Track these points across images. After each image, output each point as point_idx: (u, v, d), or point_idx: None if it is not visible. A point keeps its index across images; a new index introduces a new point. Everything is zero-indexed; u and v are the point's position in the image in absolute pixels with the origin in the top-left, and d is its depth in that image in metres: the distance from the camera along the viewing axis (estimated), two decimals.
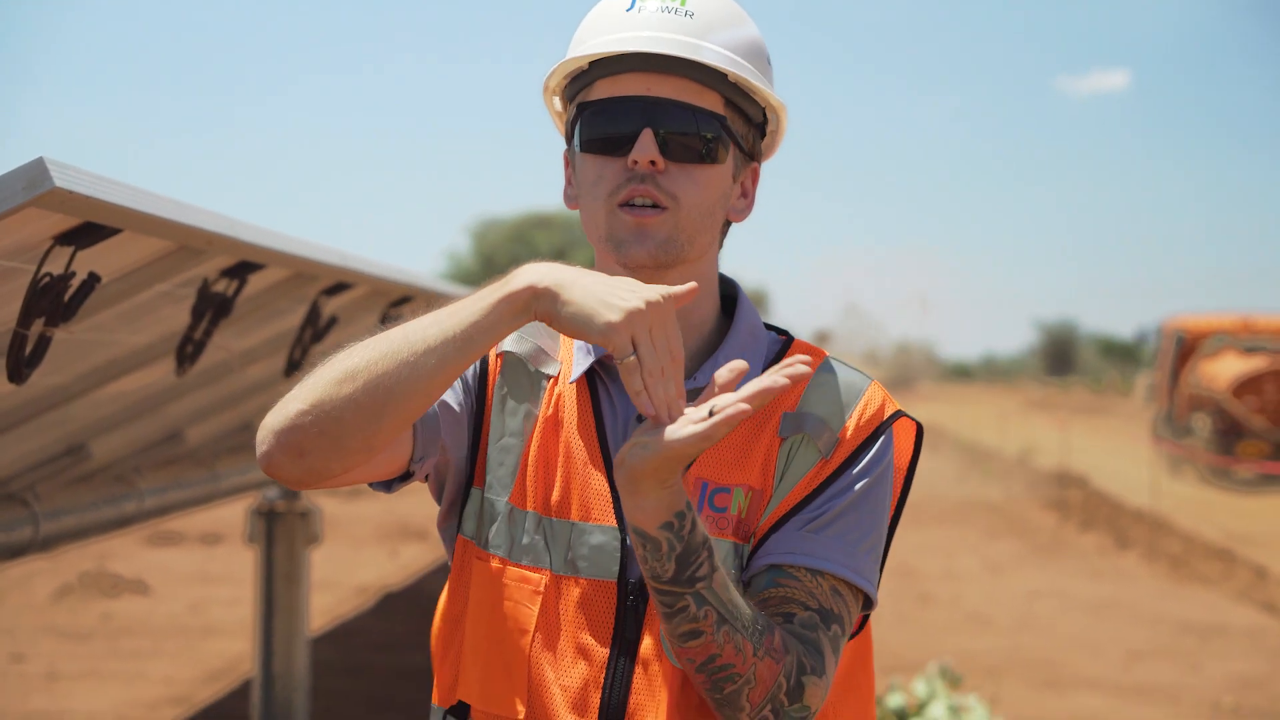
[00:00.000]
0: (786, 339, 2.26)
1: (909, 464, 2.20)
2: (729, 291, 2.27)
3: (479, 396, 2.21)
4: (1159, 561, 15.49)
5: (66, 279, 2.90)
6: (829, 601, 2.06)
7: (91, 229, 2.83)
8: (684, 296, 1.90)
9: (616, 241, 2.10)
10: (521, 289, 1.92)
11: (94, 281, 2.97)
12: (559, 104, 2.26)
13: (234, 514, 15.27)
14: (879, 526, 2.13)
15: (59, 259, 2.87)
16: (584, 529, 2.09)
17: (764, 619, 1.97)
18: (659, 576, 1.91)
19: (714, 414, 1.81)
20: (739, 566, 2.07)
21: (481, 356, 2.06)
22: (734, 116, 2.15)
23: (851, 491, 2.10)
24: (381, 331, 2.00)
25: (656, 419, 1.85)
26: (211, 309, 3.76)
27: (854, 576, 2.08)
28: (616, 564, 2.07)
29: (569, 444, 2.14)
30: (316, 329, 4.75)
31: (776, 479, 2.09)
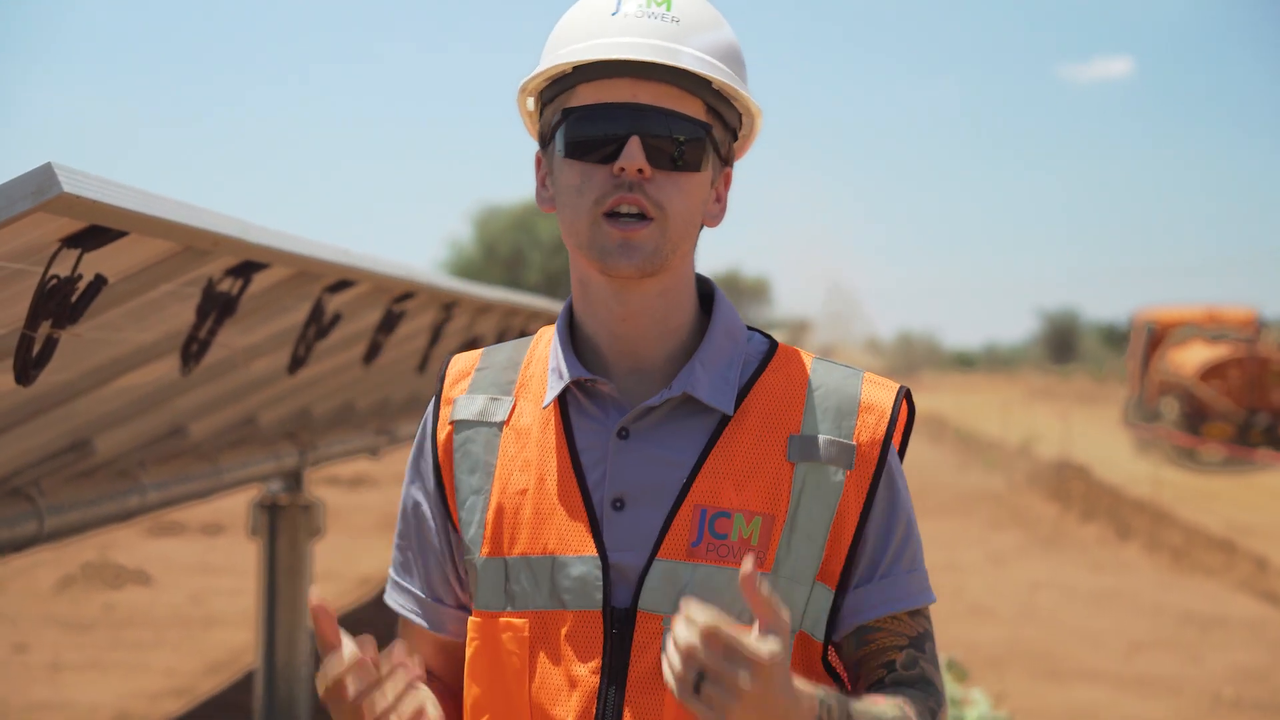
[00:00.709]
0: (770, 345, 2.20)
1: (905, 429, 2.21)
2: (706, 290, 2.22)
3: (439, 487, 2.19)
4: (1160, 552, 15.52)
5: (73, 281, 2.91)
6: (916, 627, 2.14)
7: (98, 232, 2.84)
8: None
9: (601, 252, 2.04)
10: None
11: (100, 283, 2.98)
12: (532, 104, 2.20)
13: (235, 504, 15.29)
14: (914, 516, 2.19)
15: (66, 261, 2.87)
16: (564, 561, 2.05)
17: (900, 709, 2.05)
18: None
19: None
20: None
21: None
22: (714, 121, 2.10)
23: (897, 512, 2.13)
24: None
25: None
26: (216, 308, 3.77)
27: (927, 598, 2.18)
28: (599, 593, 2.04)
29: (541, 475, 2.10)
30: (320, 326, 4.77)
31: (793, 505, 2.05)
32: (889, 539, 2.12)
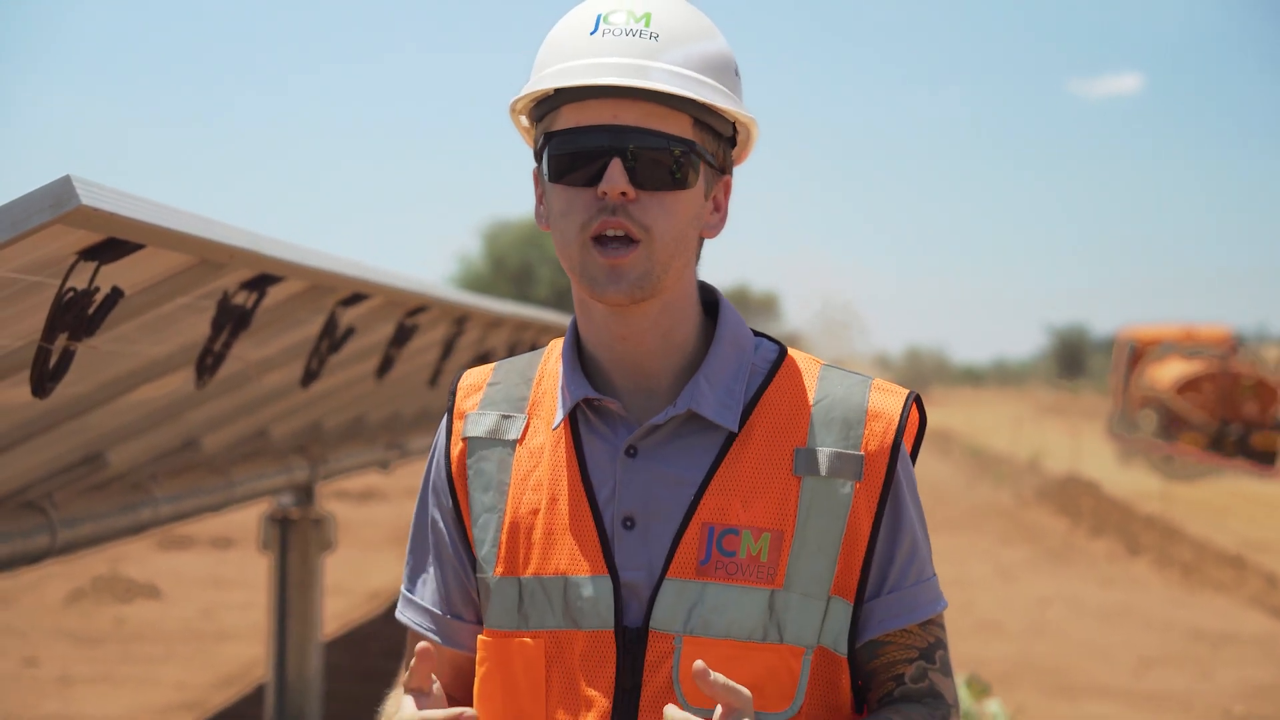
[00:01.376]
0: (779, 353, 2.18)
1: (916, 434, 2.19)
2: (711, 299, 2.19)
3: (454, 504, 2.18)
4: (1170, 568, 15.49)
5: (90, 294, 2.92)
6: (926, 637, 2.14)
7: (115, 244, 2.85)
8: None
9: (590, 280, 2.02)
10: None
11: (117, 296, 2.99)
12: (525, 121, 2.18)
13: (246, 518, 15.30)
14: (924, 523, 2.19)
15: (83, 274, 2.89)
16: (576, 582, 2.05)
17: None
18: None
19: None
20: (771, 613, 2.03)
21: None
22: (703, 135, 2.06)
23: (902, 523, 2.13)
24: None
25: None
26: (231, 321, 3.79)
27: (935, 607, 2.17)
28: (611, 613, 2.03)
29: (553, 495, 2.10)
30: (334, 339, 4.78)
31: (801, 519, 2.04)
32: (895, 551, 2.11)
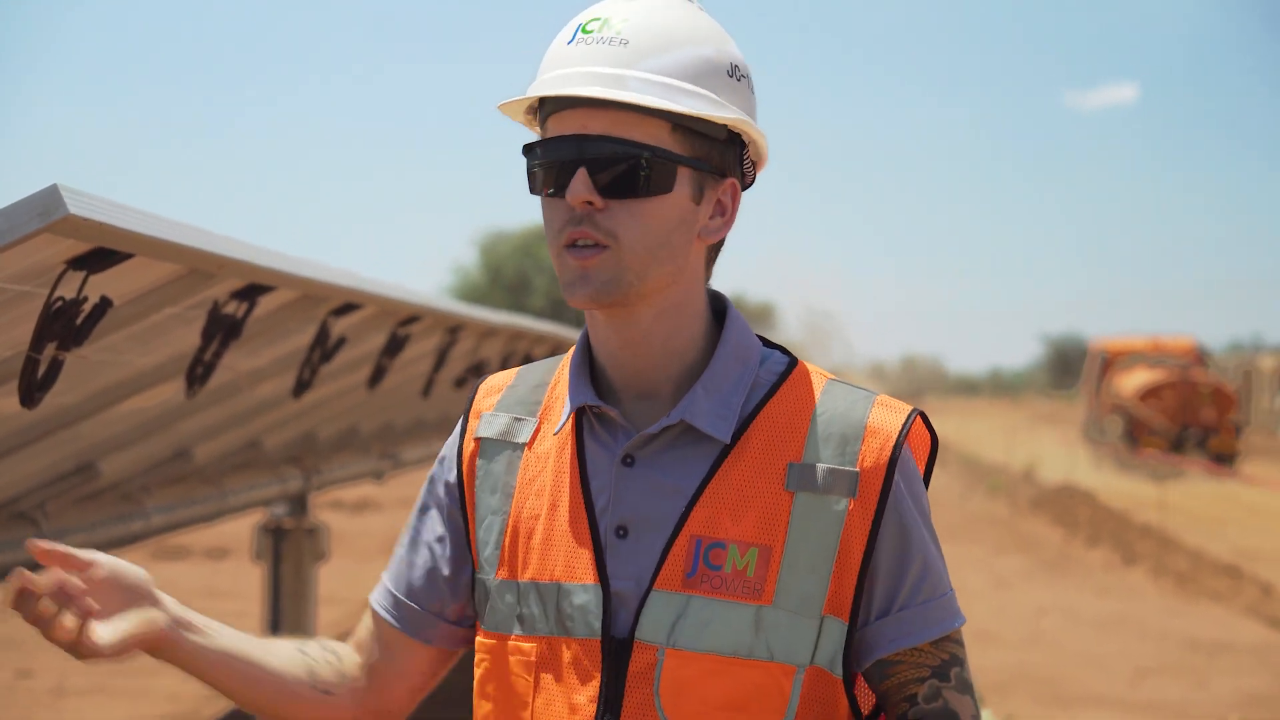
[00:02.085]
0: (788, 365, 2.15)
1: (928, 456, 2.17)
2: (721, 307, 2.17)
3: (460, 497, 2.20)
4: (1166, 577, 15.49)
5: (79, 303, 2.91)
6: (940, 655, 2.08)
7: (104, 254, 2.84)
8: None
9: (564, 283, 2.03)
10: None
11: (106, 305, 2.98)
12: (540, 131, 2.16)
13: (240, 528, 15.27)
14: (936, 539, 2.14)
15: (71, 283, 2.88)
16: (569, 589, 2.05)
17: None
18: None
19: None
20: (758, 630, 2.01)
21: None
22: (686, 139, 2.02)
23: (910, 541, 2.09)
24: None
25: None
26: (221, 331, 3.78)
27: (950, 624, 2.10)
28: (599, 621, 2.03)
29: (554, 501, 2.10)
30: (325, 349, 4.77)
31: (791, 535, 2.02)
32: (904, 570, 2.07)
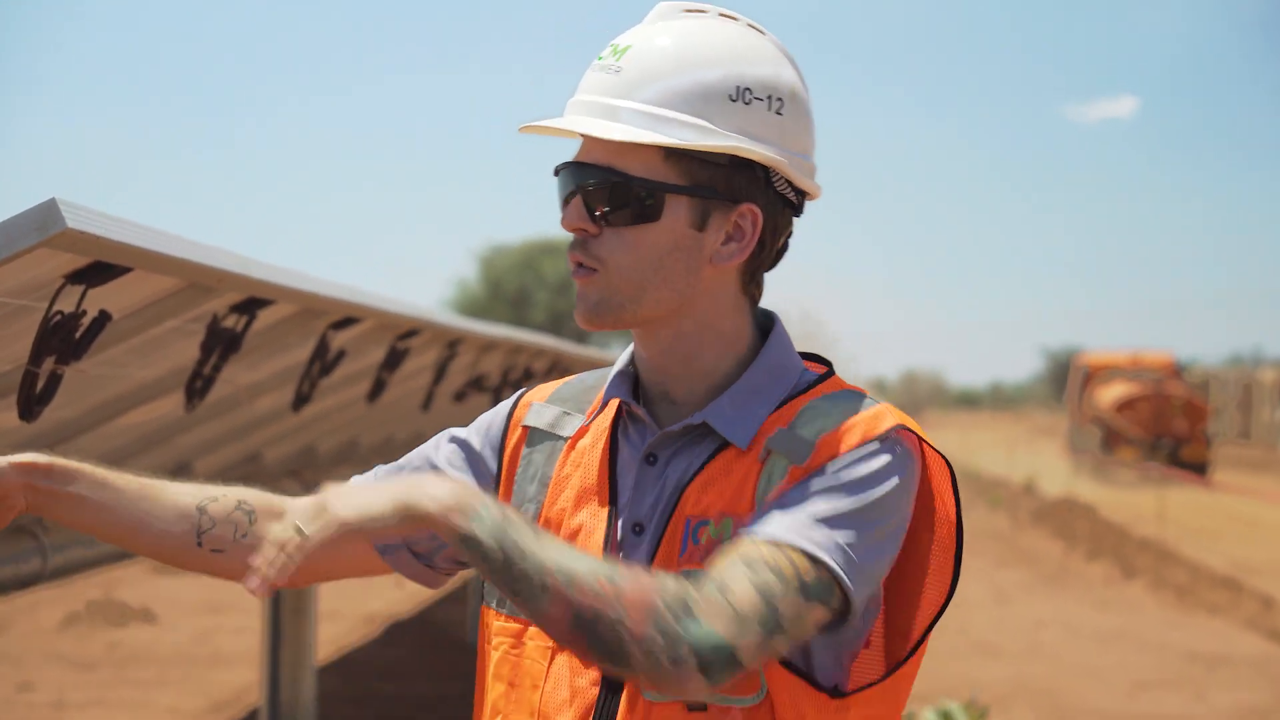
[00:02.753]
0: (821, 375, 2.16)
1: (953, 488, 2.12)
2: (767, 325, 2.18)
3: (495, 480, 2.24)
4: (1165, 591, 15.48)
5: (77, 317, 2.92)
6: (758, 551, 1.94)
7: (102, 268, 2.85)
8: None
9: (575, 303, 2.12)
10: None
11: (104, 319, 2.99)
12: None
13: None
14: (864, 525, 1.98)
15: (70, 297, 2.89)
16: None
17: (606, 568, 1.89)
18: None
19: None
20: None
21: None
22: (681, 166, 2.05)
23: (826, 485, 2.00)
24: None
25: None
26: (221, 345, 3.79)
27: (796, 539, 1.95)
28: None
29: (582, 496, 2.14)
30: (325, 363, 4.78)
31: (758, 500, 2.03)
32: (797, 493, 1.99)
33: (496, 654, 2.16)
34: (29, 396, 2.99)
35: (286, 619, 7.62)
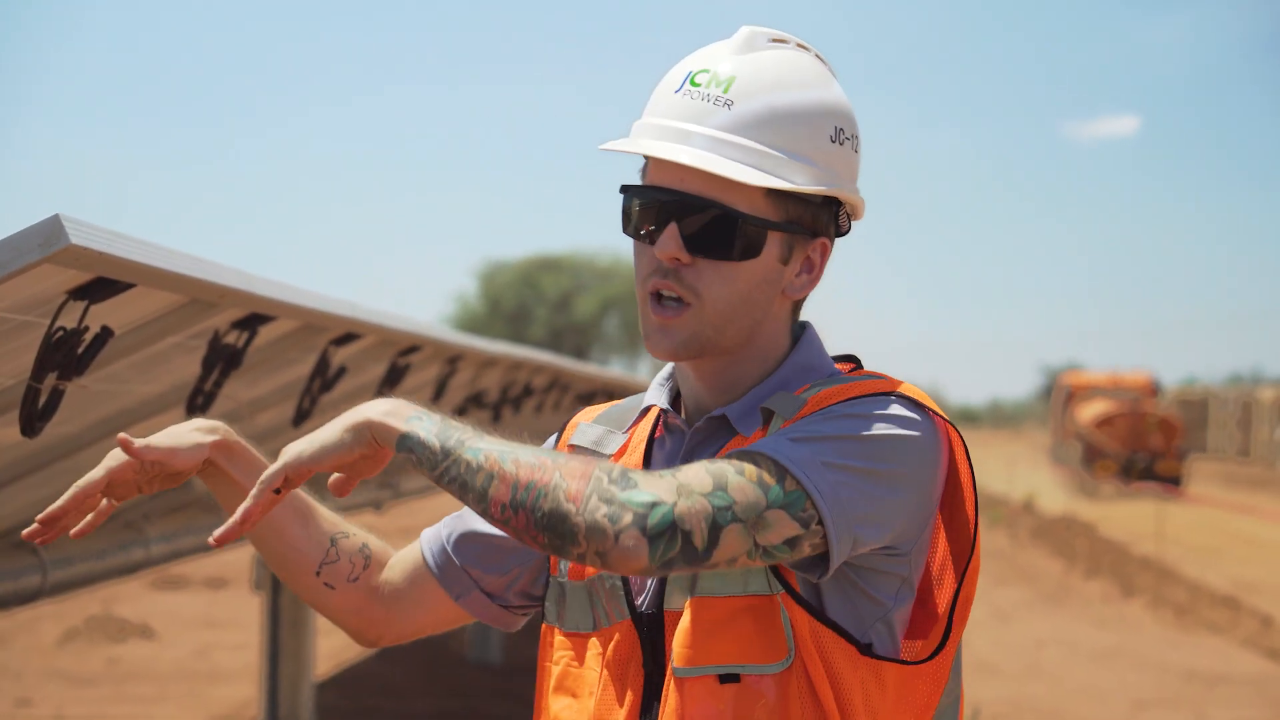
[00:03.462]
0: (847, 369, 2.19)
1: (964, 455, 2.13)
2: (798, 333, 2.20)
3: None
4: (1164, 609, 15.47)
5: (80, 333, 2.92)
6: (749, 463, 1.92)
7: (105, 284, 2.85)
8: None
9: (644, 332, 2.09)
10: None
11: (107, 335, 2.99)
12: None
13: (239, 558, 15.26)
14: (852, 456, 1.95)
15: (72, 313, 2.89)
16: (607, 577, 2.12)
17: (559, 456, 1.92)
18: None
19: None
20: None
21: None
22: (780, 203, 2.06)
23: (816, 418, 1.99)
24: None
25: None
26: (222, 360, 3.79)
27: (764, 448, 1.93)
28: (624, 602, 2.10)
29: None
30: (325, 379, 4.78)
31: None
32: (787, 429, 1.99)
33: (558, 669, 2.19)
34: (31, 412, 2.99)
35: (285, 634, 7.61)
